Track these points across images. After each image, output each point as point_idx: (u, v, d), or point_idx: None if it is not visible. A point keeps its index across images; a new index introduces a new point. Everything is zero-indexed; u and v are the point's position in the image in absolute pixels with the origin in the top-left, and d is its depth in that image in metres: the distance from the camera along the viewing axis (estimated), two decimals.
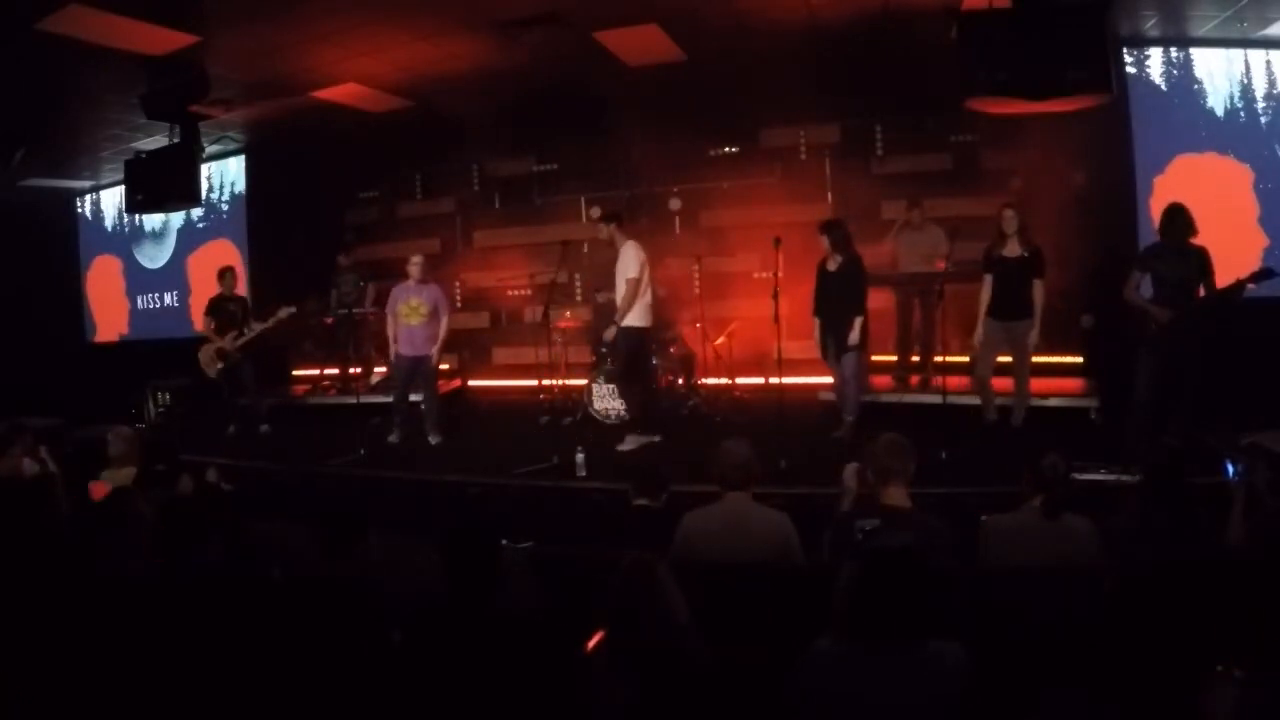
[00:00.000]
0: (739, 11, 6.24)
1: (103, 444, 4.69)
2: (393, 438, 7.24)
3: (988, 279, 6.08)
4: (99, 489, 3.88)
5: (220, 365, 8.02)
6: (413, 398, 7.34)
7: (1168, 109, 7.08)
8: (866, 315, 6.19)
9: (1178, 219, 5.34)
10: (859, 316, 6.11)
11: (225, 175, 10.62)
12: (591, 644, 2.23)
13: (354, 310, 8.78)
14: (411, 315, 7.09)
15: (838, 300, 6.18)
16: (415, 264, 7.18)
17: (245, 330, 7.98)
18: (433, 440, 7.19)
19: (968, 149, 8.23)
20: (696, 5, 6.11)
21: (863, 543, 2.63)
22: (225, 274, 8.24)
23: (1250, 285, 5.16)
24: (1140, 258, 5.60)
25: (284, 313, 7.96)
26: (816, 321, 6.32)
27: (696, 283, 8.83)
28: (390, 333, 7.29)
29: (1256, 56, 6.83)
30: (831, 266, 6.22)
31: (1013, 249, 5.98)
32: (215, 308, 8.13)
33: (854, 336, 6.09)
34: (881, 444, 3.28)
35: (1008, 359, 6.18)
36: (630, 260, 6.41)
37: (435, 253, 10.16)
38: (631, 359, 6.56)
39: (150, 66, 6.44)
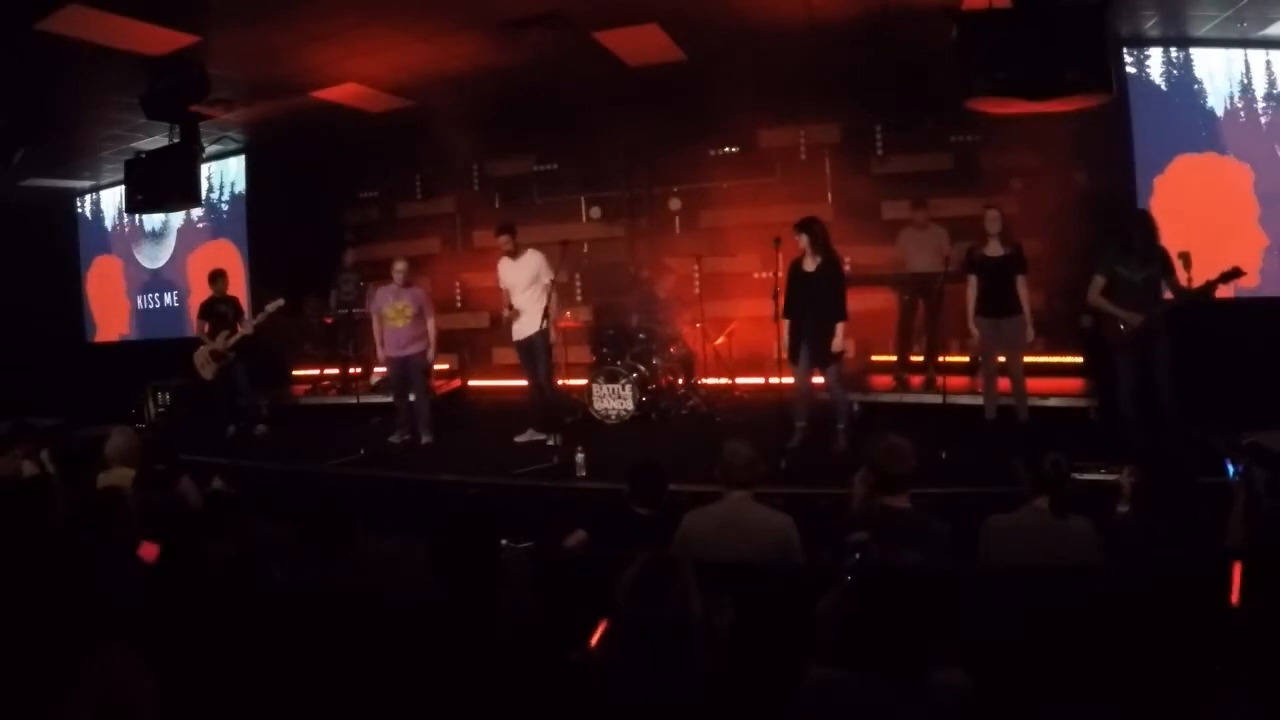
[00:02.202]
0: (739, 11, 6.23)
1: (102, 444, 4.68)
2: (394, 438, 7.31)
3: (972, 279, 6.15)
4: (149, 550, 3.61)
5: (214, 366, 8.06)
6: (411, 397, 7.37)
7: (1168, 109, 7.08)
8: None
9: (1150, 223, 5.50)
10: (842, 322, 5.90)
11: (225, 175, 10.61)
12: (595, 638, 2.21)
13: (354, 310, 8.79)
14: (397, 318, 7.23)
15: (819, 302, 5.93)
16: (399, 269, 7.31)
17: (238, 329, 8.04)
18: (425, 439, 7.27)
19: (968, 149, 8.23)
20: (696, 5, 6.10)
21: (857, 563, 2.51)
22: (217, 277, 8.27)
23: (1221, 285, 5.18)
24: (1104, 261, 5.58)
25: (272, 306, 7.99)
26: (787, 323, 6.05)
27: (696, 283, 8.82)
28: (376, 335, 7.38)
29: (1256, 56, 6.82)
30: (809, 267, 5.99)
31: (994, 249, 6.05)
32: (207, 310, 8.18)
33: (839, 343, 5.91)
34: (883, 450, 3.27)
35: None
36: (544, 266, 6.78)
37: (435, 253, 10.20)
38: (547, 360, 6.89)
39: (150, 66, 6.44)
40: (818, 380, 6.17)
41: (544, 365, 6.96)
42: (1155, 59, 7.09)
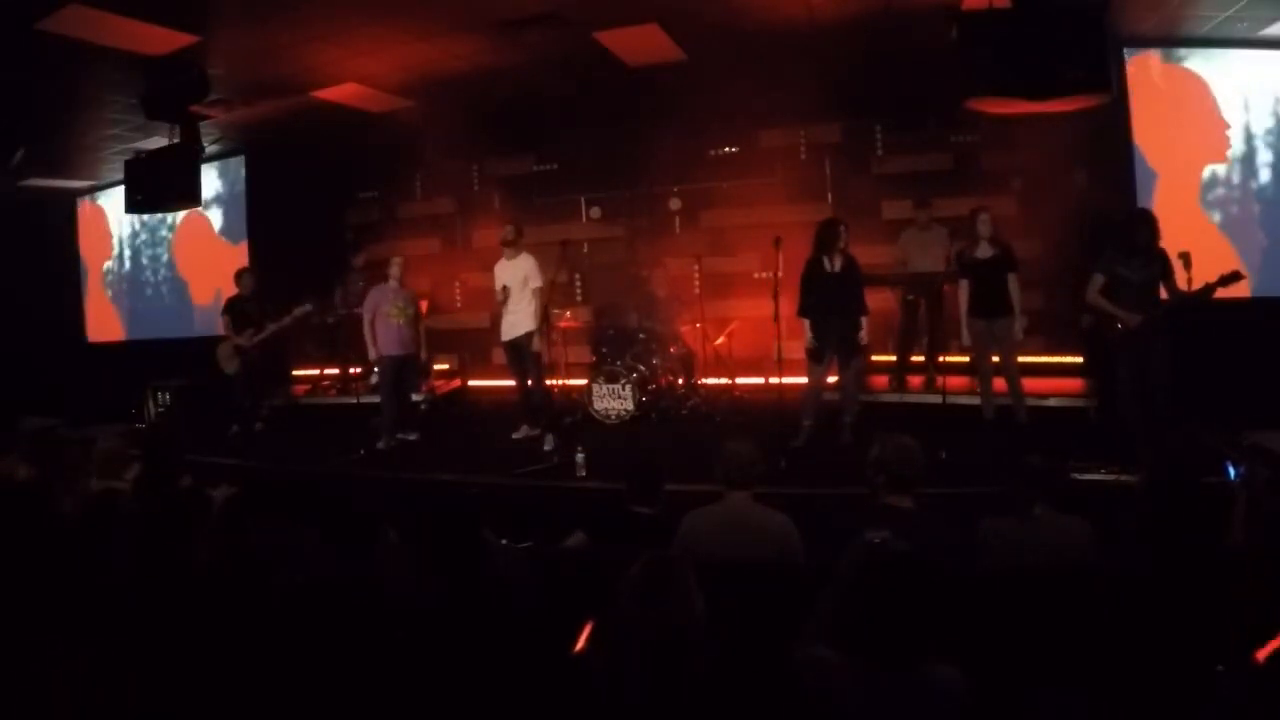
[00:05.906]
0: (739, 11, 6.23)
1: (101, 444, 4.68)
2: (382, 444, 7.19)
3: (963, 282, 6.25)
4: None
5: (237, 361, 8.23)
6: (414, 396, 7.40)
7: (1168, 109, 7.08)
8: None
9: (1151, 223, 5.49)
10: (866, 315, 6.15)
11: (225, 175, 10.61)
12: (583, 638, 2.21)
13: (354, 310, 8.79)
14: (399, 315, 7.34)
15: (846, 300, 6.08)
16: (397, 265, 7.47)
17: (264, 328, 8.15)
18: (412, 436, 7.35)
19: (968, 149, 8.23)
20: (696, 5, 6.10)
21: (870, 553, 2.53)
22: (243, 275, 8.42)
23: (1220, 288, 5.17)
24: (1104, 261, 5.59)
25: (299, 310, 8.13)
26: (810, 322, 6.13)
27: (696, 283, 8.82)
28: (369, 335, 7.38)
29: (1256, 56, 6.82)
30: (833, 267, 6.11)
31: (984, 250, 6.14)
32: (231, 307, 8.32)
33: (865, 335, 6.15)
34: (896, 450, 3.27)
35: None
36: (535, 270, 6.89)
37: (435, 253, 10.20)
38: (536, 362, 6.98)
39: (150, 66, 6.44)
40: (831, 379, 6.27)
41: (533, 367, 7.00)
42: (1155, 59, 7.08)
